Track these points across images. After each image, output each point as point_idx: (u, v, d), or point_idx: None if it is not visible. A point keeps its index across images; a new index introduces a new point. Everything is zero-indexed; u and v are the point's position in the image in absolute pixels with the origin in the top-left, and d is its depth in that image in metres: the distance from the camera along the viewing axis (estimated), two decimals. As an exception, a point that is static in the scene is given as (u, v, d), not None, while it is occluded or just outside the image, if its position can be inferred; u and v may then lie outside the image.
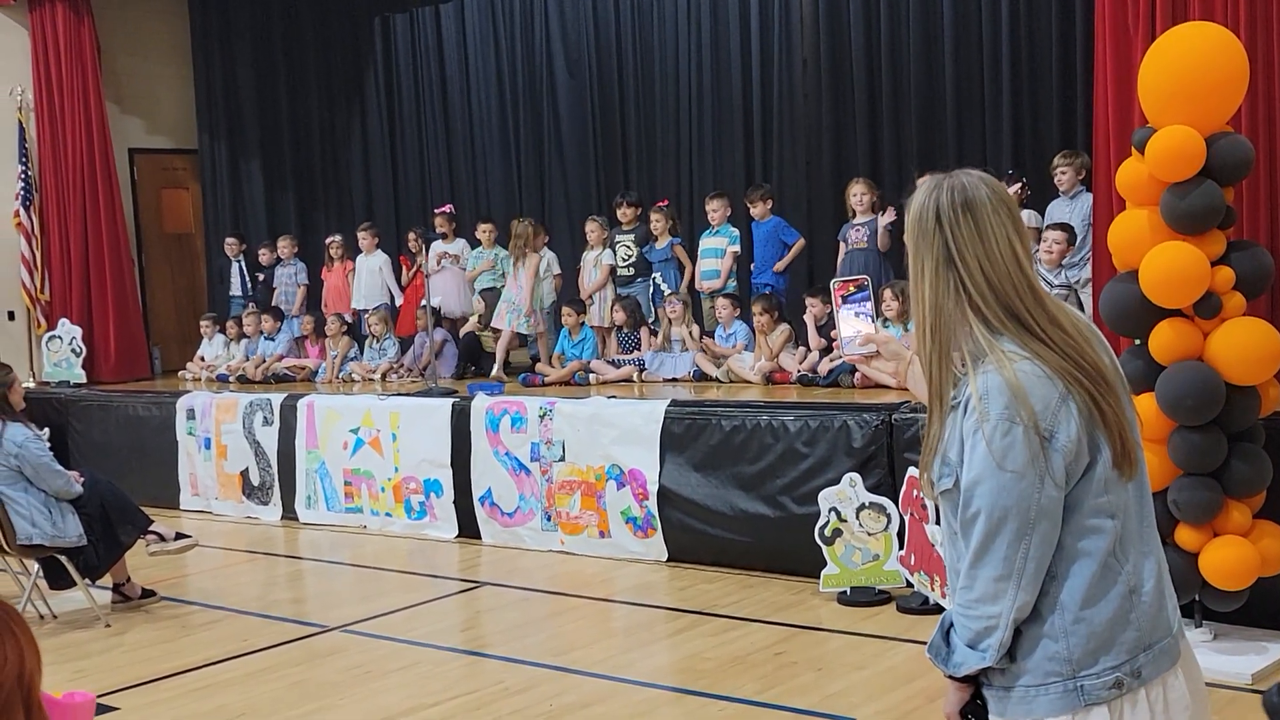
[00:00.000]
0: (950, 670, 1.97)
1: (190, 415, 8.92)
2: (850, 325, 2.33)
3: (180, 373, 10.86)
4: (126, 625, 6.03)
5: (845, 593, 5.68)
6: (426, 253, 9.39)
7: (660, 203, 8.81)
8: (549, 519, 7.04)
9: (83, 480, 6.08)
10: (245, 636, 5.70)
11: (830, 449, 5.96)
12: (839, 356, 7.16)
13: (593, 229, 8.94)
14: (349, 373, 9.52)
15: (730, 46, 9.55)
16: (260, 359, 10.05)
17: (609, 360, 8.40)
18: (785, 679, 4.67)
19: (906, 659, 4.81)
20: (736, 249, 8.33)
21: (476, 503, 7.37)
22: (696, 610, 5.73)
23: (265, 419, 8.47)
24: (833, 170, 9.03)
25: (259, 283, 11.04)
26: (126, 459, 9.10)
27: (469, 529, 7.44)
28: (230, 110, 12.03)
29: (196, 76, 12.01)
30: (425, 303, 8.95)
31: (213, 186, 12.10)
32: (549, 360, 8.72)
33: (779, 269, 8.18)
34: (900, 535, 5.56)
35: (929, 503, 5.19)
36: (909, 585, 5.54)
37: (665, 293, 8.43)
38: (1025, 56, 8.14)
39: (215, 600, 6.42)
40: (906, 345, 2.29)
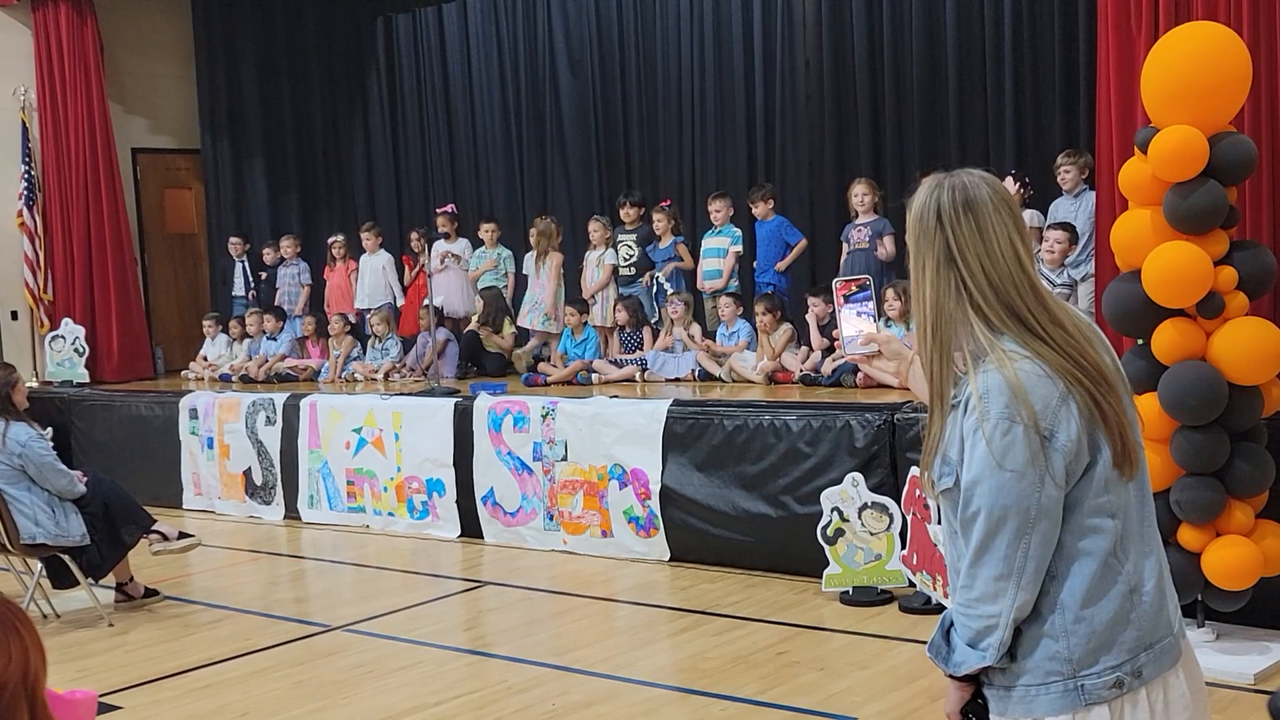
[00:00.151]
0: (950, 669, 1.97)
1: (193, 415, 8.93)
2: (852, 325, 2.33)
3: (183, 372, 10.87)
4: (129, 624, 6.04)
5: (847, 592, 5.68)
6: (429, 252, 9.40)
7: (663, 202, 8.81)
8: (551, 519, 7.04)
9: (86, 480, 6.08)
10: (248, 636, 5.70)
11: (832, 449, 5.96)
12: (841, 356, 7.15)
13: (595, 229, 8.94)
14: (351, 372, 9.53)
15: (732, 46, 9.55)
16: (263, 359, 10.06)
17: (611, 360, 8.41)
18: (787, 678, 4.68)
19: (909, 659, 4.81)
20: (739, 249, 8.33)
21: (479, 502, 7.37)
22: (699, 610, 5.73)
23: (268, 419, 8.48)
24: (835, 170, 9.03)
25: (262, 282, 11.05)
26: (129, 458, 9.11)
27: (471, 528, 7.45)
28: (233, 110, 12.04)
29: (199, 76, 12.02)
30: (428, 302, 8.95)
31: (215, 186, 12.11)
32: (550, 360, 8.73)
33: (781, 269, 8.18)
34: (903, 535, 5.56)
35: (931, 502, 5.20)
36: (911, 585, 5.54)
37: (668, 292, 8.43)
38: (1028, 56, 8.13)
39: (218, 600, 6.43)
40: (908, 345, 2.29)
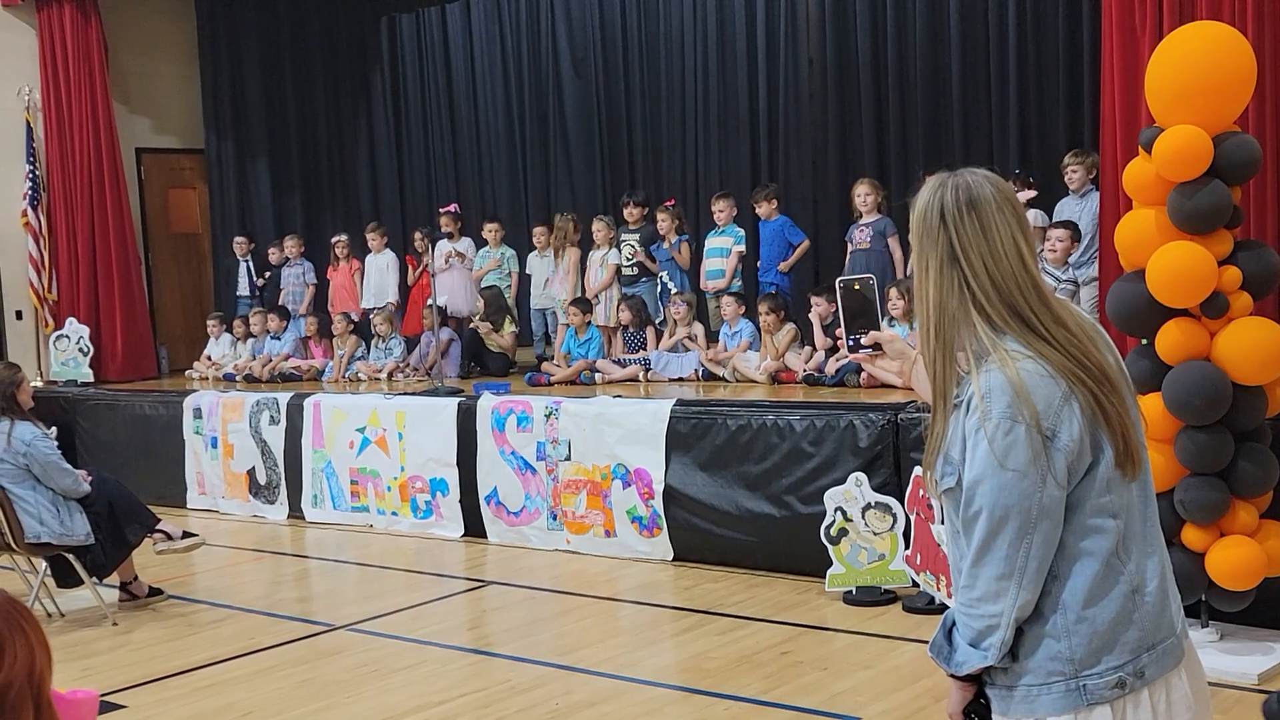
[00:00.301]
0: (952, 669, 1.97)
1: (197, 414, 8.94)
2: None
3: (187, 372, 10.88)
4: (134, 624, 6.05)
5: (851, 592, 5.68)
6: (432, 252, 9.41)
7: (667, 202, 8.81)
8: (555, 518, 7.05)
9: (90, 479, 6.09)
10: (252, 635, 5.71)
11: (836, 448, 5.96)
12: (845, 356, 7.16)
13: (599, 228, 8.94)
14: (355, 372, 9.53)
15: (736, 46, 9.55)
16: (267, 358, 10.07)
17: (615, 360, 8.41)
18: (791, 678, 4.68)
19: (912, 658, 4.81)
20: (741, 249, 8.33)
21: (482, 502, 7.38)
22: (702, 609, 5.74)
23: (272, 418, 8.49)
24: (839, 170, 9.04)
25: (266, 281, 11.05)
26: (133, 458, 9.12)
27: (475, 528, 7.45)
28: (237, 110, 12.05)
29: (203, 76, 12.03)
30: (431, 302, 8.96)
31: (219, 186, 12.12)
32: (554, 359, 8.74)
33: (784, 269, 8.18)
34: (906, 535, 5.56)
35: (934, 502, 5.19)
36: (915, 585, 5.54)
37: (672, 292, 8.44)
38: (1032, 56, 8.13)
39: (222, 599, 6.44)
40: (911, 344, 2.29)
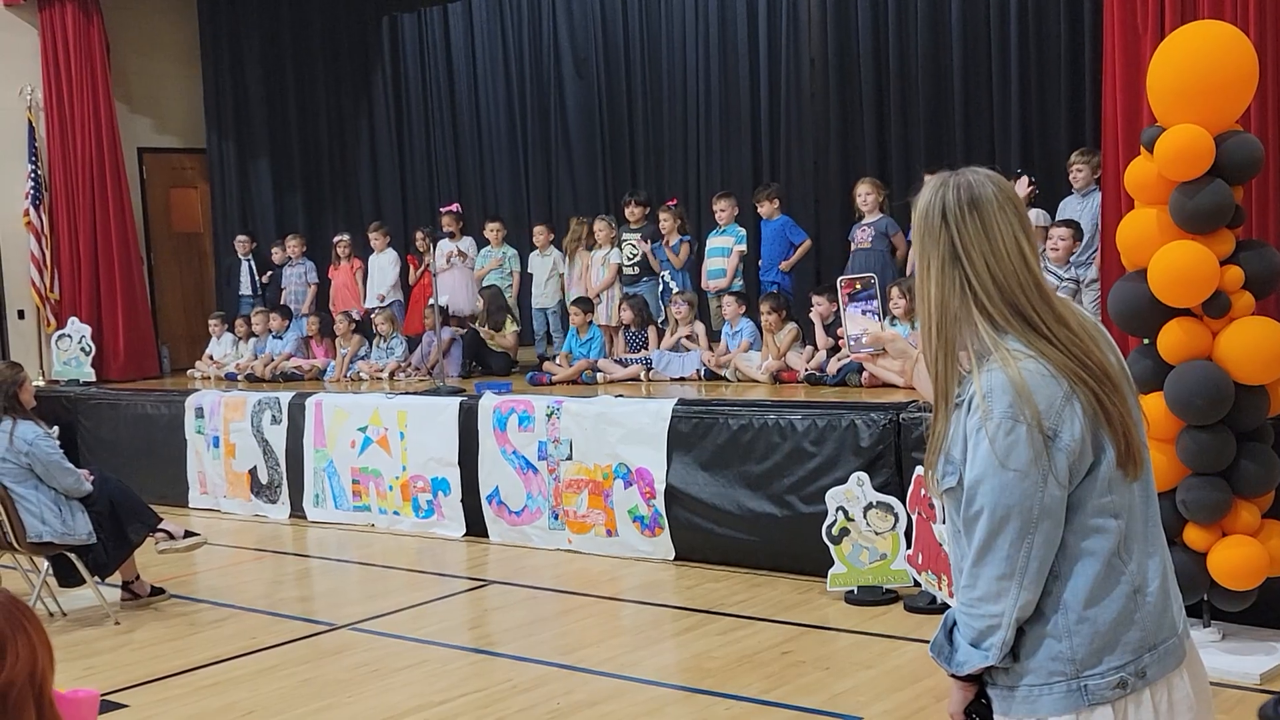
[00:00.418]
0: (953, 669, 1.97)
1: (199, 414, 8.94)
2: (857, 324, 2.33)
3: (189, 371, 10.88)
4: (135, 623, 6.05)
5: (852, 592, 5.68)
6: (434, 251, 9.41)
7: (670, 201, 8.81)
8: (556, 517, 7.05)
9: (92, 478, 6.10)
10: (253, 634, 5.71)
11: (838, 448, 5.96)
12: (847, 355, 7.16)
13: (600, 228, 8.94)
14: (356, 371, 9.54)
15: (738, 46, 9.55)
16: (268, 357, 10.07)
17: (616, 359, 8.41)
18: (792, 678, 4.67)
19: (914, 658, 4.80)
20: (743, 248, 8.33)
21: (484, 501, 7.38)
22: (704, 609, 5.74)
23: (273, 417, 8.49)
24: (840, 170, 9.04)
25: (269, 281, 11.05)
26: (135, 457, 9.13)
27: (476, 527, 7.45)
28: (239, 110, 12.05)
29: (205, 76, 12.03)
30: (433, 302, 8.96)
31: (221, 186, 12.13)
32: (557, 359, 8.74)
33: (785, 268, 8.18)
34: (908, 534, 5.56)
35: (936, 501, 5.19)
36: (916, 584, 5.54)
37: (673, 291, 8.44)
38: (1034, 56, 8.12)
39: (223, 598, 6.44)
40: (913, 343, 2.29)
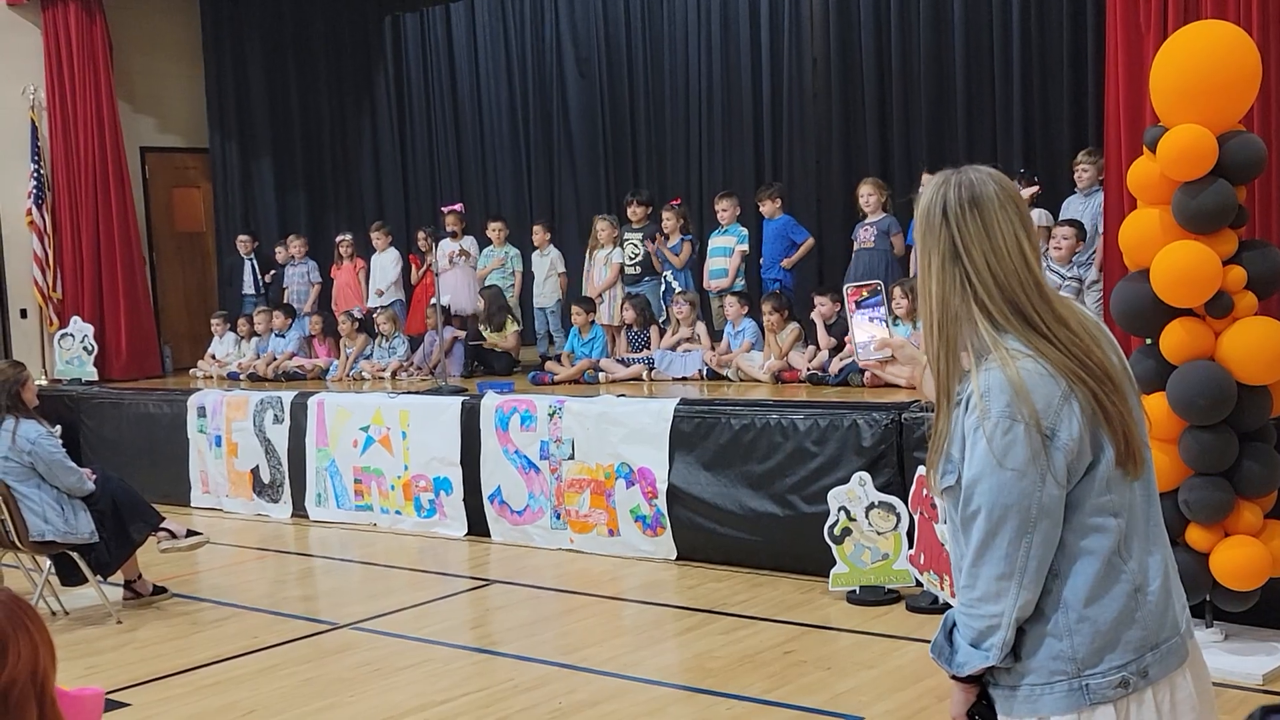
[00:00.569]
0: (954, 670, 1.97)
1: (201, 413, 8.95)
2: (864, 330, 2.32)
3: (191, 370, 10.89)
4: (138, 622, 6.05)
5: (854, 592, 5.68)
6: (435, 251, 9.42)
7: (673, 201, 8.81)
8: (558, 517, 7.05)
9: (95, 477, 6.10)
10: (255, 633, 5.71)
11: (840, 448, 5.96)
12: (849, 355, 7.16)
13: (603, 227, 8.94)
14: (359, 371, 9.55)
15: (740, 45, 9.55)
16: (271, 356, 10.08)
17: (618, 359, 8.41)
18: (794, 678, 4.67)
19: (915, 658, 4.80)
20: (745, 248, 8.33)
21: (486, 501, 7.38)
22: (705, 609, 5.73)
23: (276, 417, 8.49)
24: (843, 170, 9.04)
25: (272, 280, 11.06)
26: (138, 456, 9.13)
27: (478, 527, 7.45)
28: (241, 109, 12.06)
29: (208, 75, 12.04)
30: (435, 301, 8.97)
31: (224, 185, 12.13)
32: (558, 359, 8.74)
33: (787, 265, 8.19)
34: (910, 534, 5.55)
35: (938, 501, 5.19)
36: (918, 584, 5.53)
37: (675, 291, 8.43)
38: (1036, 55, 8.12)
39: (226, 597, 6.44)
40: (915, 343, 2.29)
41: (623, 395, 7.16)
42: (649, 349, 8.33)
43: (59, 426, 8.47)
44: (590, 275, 9.05)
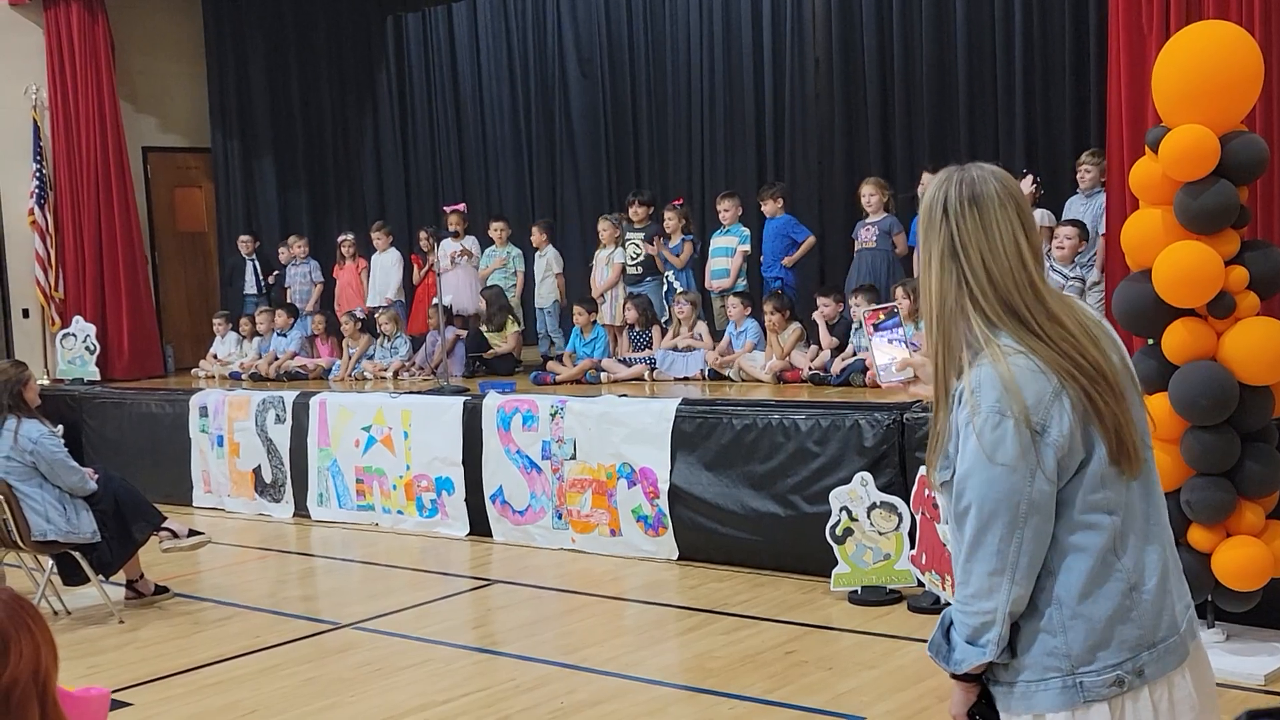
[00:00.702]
0: (951, 668, 1.97)
1: (203, 413, 8.95)
2: (884, 353, 2.33)
3: (193, 370, 10.90)
4: (140, 621, 6.06)
5: (856, 592, 5.67)
6: (437, 251, 9.42)
7: (675, 201, 8.81)
8: (560, 517, 7.05)
9: (97, 477, 6.10)
10: (257, 633, 5.72)
11: (841, 448, 5.96)
12: (850, 357, 7.17)
13: (605, 227, 8.94)
14: (361, 371, 9.55)
15: (742, 45, 9.55)
16: (273, 356, 10.08)
17: (620, 359, 8.41)
18: (795, 678, 4.67)
19: (917, 658, 4.80)
20: (747, 248, 8.33)
21: (488, 500, 7.38)
22: (707, 609, 5.74)
23: (278, 416, 8.50)
24: (845, 170, 9.04)
25: (274, 280, 11.06)
26: (140, 456, 9.14)
27: (480, 527, 7.45)
28: (243, 109, 12.06)
29: (210, 75, 12.04)
30: (437, 301, 8.97)
31: (226, 185, 12.14)
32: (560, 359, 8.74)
33: (788, 263, 8.19)
34: (911, 534, 5.55)
35: (939, 500, 5.19)
36: (920, 585, 5.53)
37: (677, 291, 8.43)
38: (1038, 55, 8.12)
39: (227, 597, 6.45)
40: (916, 344, 2.29)
41: (624, 395, 7.16)
42: (651, 349, 8.33)
43: (61, 426, 8.47)
44: (593, 275, 9.06)
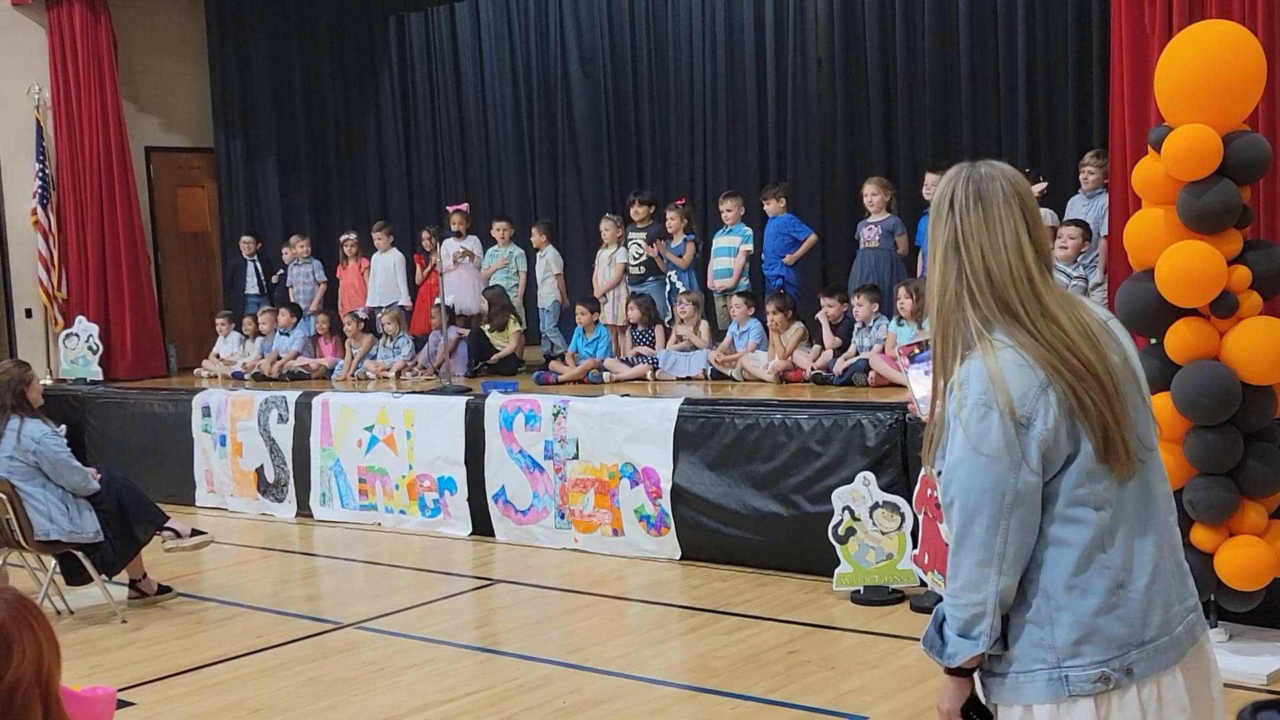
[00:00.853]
0: (945, 661, 2.00)
1: (206, 412, 8.96)
2: (922, 385, 2.36)
3: (196, 370, 10.90)
4: (143, 621, 6.06)
5: (858, 591, 5.67)
6: (440, 251, 9.42)
7: (678, 201, 8.81)
8: (562, 517, 7.05)
9: (100, 477, 6.11)
10: (260, 633, 5.72)
11: (844, 447, 5.95)
12: (853, 356, 7.17)
13: (607, 227, 8.94)
14: (363, 371, 9.55)
15: (745, 45, 9.55)
16: (275, 355, 10.09)
17: (623, 359, 8.41)
18: (798, 677, 4.67)
19: (920, 658, 4.76)
20: (749, 248, 8.33)
21: (490, 500, 7.38)
22: (709, 608, 5.74)
23: (280, 416, 8.50)
24: (847, 169, 9.04)
25: (277, 280, 11.07)
26: (142, 456, 9.14)
27: (483, 526, 7.46)
28: (246, 109, 12.07)
29: (212, 75, 12.05)
30: (439, 301, 8.97)
31: (228, 185, 12.15)
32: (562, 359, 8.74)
33: (789, 262, 8.19)
34: (914, 534, 5.55)
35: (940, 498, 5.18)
36: (922, 584, 5.53)
37: (679, 290, 8.43)
38: (1041, 55, 8.11)
39: (230, 597, 6.45)
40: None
41: (627, 395, 7.16)
42: (653, 349, 8.33)
43: (64, 426, 8.48)
44: (595, 275, 9.06)
